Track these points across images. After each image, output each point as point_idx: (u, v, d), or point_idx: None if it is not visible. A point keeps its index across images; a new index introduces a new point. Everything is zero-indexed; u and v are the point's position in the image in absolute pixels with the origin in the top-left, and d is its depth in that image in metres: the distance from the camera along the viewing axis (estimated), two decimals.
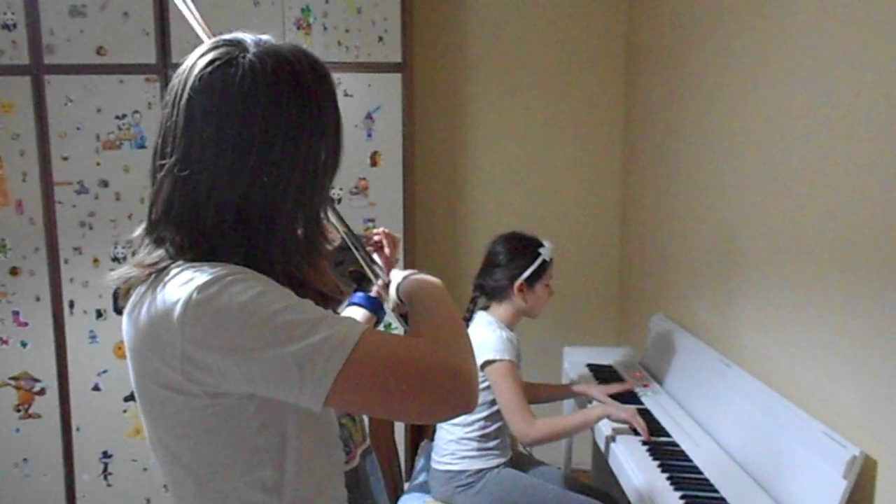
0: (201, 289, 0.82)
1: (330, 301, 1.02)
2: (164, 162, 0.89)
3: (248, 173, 0.87)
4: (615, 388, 2.22)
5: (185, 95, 0.88)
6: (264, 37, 0.93)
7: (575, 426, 2.01)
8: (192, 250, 0.89)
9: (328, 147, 0.93)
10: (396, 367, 0.83)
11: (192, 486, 0.92)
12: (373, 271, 1.25)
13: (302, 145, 0.89)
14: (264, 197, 0.88)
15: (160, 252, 0.91)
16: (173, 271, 0.87)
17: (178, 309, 0.82)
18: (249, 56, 0.89)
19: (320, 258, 1.01)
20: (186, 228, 0.89)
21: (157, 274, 0.88)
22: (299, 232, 0.93)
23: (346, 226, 1.18)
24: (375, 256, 1.38)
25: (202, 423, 0.88)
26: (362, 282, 1.30)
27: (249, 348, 0.81)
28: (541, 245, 2.08)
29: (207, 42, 0.93)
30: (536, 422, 1.94)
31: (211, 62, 0.88)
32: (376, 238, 1.41)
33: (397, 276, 1.15)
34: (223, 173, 0.87)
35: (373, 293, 1.34)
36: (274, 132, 0.87)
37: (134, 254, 0.95)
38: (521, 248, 2.08)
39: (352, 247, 1.19)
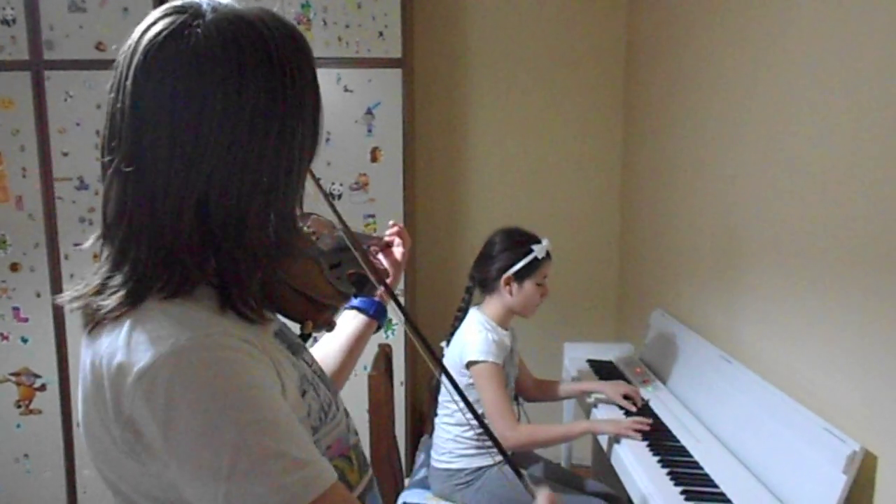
0: (170, 355, 0.69)
1: (324, 309, 0.92)
2: (111, 157, 0.76)
3: (207, 166, 0.73)
4: (623, 388, 2.16)
5: (131, 75, 0.74)
6: (224, 0, 0.77)
7: (556, 437, 2.05)
8: (153, 269, 0.74)
9: (304, 131, 0.79)
10: None
11: None
12: (376, 275, 1.12)
13: (272, 129, 0.75)
14: (229, 193, 0.74)
15: (121, 273, 0.76)
16: (149, 314, 0.73)
17: (136, 370, 0.69)
18: (206, 22, 0.74)
19: (310, 260, 0.91)
20: (144, 237, 0.75)
21: (128, 311, 0.74)
22: (270, 233, 0.78)
23: (344, 224, 1.07)
24: (381, 257, 1.26)
25: (146, 481, 0.75)
26: (364, 285, 1.15)
27: (186, 452, 0.68)
28: (536, 241, 2.06)
29: (157, 10, 0.77)
30: (519, 426, 1.95)
31: (159, 32, 0.73)
32: (388, 237, 1.27)
33: None
34: (179, 168, 0.72)
35: (376, 296, 1.23)
36: (237, 114, 0.73)
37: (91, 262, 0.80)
38: (514, 242, 2.07)
39: (350, 246, 1.06)
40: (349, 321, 1.23)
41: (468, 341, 2.00)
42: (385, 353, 2.05)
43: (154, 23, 0.75)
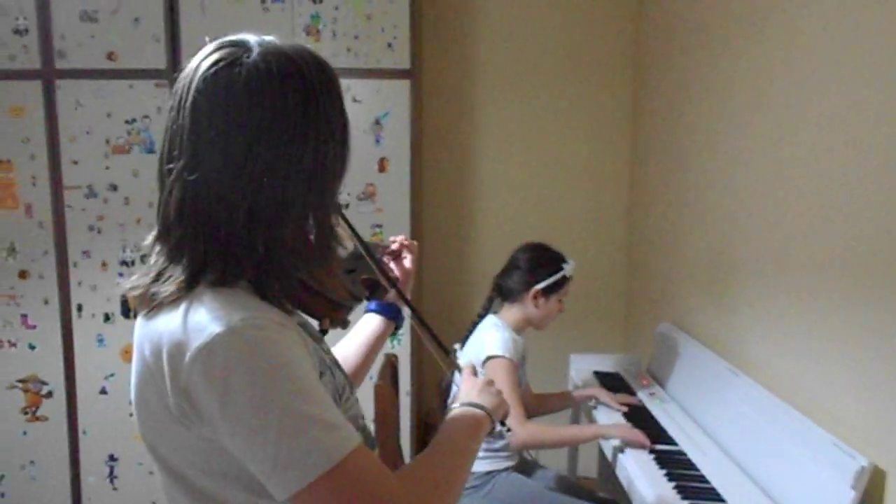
0: (226, 334, 0.81)
1: (340, 309, 1.02)
2: (171, 166, 0.87)
3: (256, 175, 0.85)
4: (622, 398, 2.22)
5: (191, 98, 0.86)
6: (268, 37, 0.92)
7: (564, 439, 2.09)
8: (209, 262, 0.87)
9: (335, 148, 0.91)
10: (362, 501, 0.82)
11: (181, 487, 0.92)
12: (387, 279, 1.24)
13: (308, 146, 0.88)
14: (273, 200, 0.87)
15: (177, 265, 0.88)
16: (202, 299, 0.85)
17: (195, 346, 0.81)
18: (254, 56, 0.87)
19: (333, 265, 1.01)
20: (201, 235, 0.87)
21: (184, 296, 0.86)
22: (311, 237, 0.92)
23: (356, 233, 1.17)
24: (393, 265, 1.36)
25: (193, 445, 0.87)
26: (376, 290, 1.28)
27: (239, 416, 0.80)
28: (565, 261, 2.17)
29: (211, 44, 0.91)
30: (528, 424, 1.97)
31: (215, 63, 0.87)
32: (394, 246, 1.37)
33: (466, 388, 1.15)
34: (231, 176, 0.85)
35: (389, 300, 1.34)
36: (279, 133, 0.86)
37: (135, 262, 0.94)
38: (546, 258, 2.17)
39: (364, 254, 1.18)
40: (368, 323, 1.35)
41: (486, 339, 2.06)
42: (391, 363, 2.04)
43: (210, 53, 0.89)
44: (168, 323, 0.85)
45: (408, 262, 1.37)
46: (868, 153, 1.49)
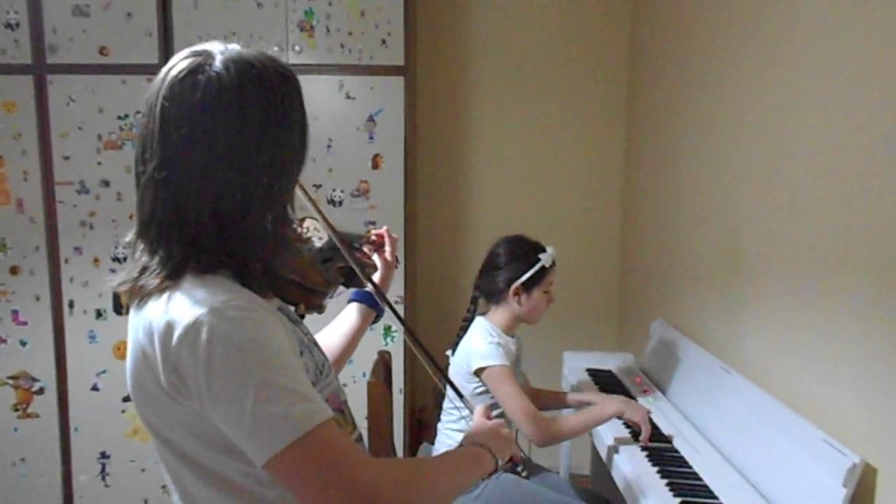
0: (208, 314, 0.89)
1: (313, 294, 1.14)
2: (143, 168, 0.96)
3: (219, 174, 0.93)
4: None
5: (159, 104, 0.94)
6: (232, 46, 1.00)
7: (589, 421, 1.96)
8: (185, 254, 0.95)
9: (293, 145, 1.00)
10: (328, 471, 0.87)
11: (184, 464, 0.98)
12: (360, 268, 1.34)
13: (266, 145, 0.95)
14: (235, 195, 0.94)
15: (158, 259, 0.96)
16: (186, 286, 0.94)
17: (182, 326, 0.89)
18: (216, 63, 0.95)
19: (300, 253, 1.11)
20: (174, 230, 0.95)
21: (170, 285, 0.94)
22: (269, 227, 0.99)
23: (330, 225, 1.29)
24: (376, 257, 1.47)
25: (188, 421, 0.94)
26: (353, 278, 1.36)
27: (220, 387, 0.88)
28: (542, 250, 2.06)
29: (179, 53, 1.00)
30: (549, 421, 1.91)
31: (181, 71, 0.95)
32: (374, 237, 1.47)
33: (475, 427, 1.23)
34: (197, 176, 0.93)
35: (368, 289, 1.41)
36: (239, 133, 0.94)
37: (126, 258, 1.02)
38: (521, 251, 2.06)
39: (338, 244, 1.29)
40: (348, 312, 1.46)
41: (474, 349, 2.00)
42: (384, 361, 2.04)
43: (178, 63, 0.97)
44: (157, 309, 0.93)
45: (388, 253, 1.47)
46: (869, 148, 1.49)
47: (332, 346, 1.41)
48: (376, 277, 1.46)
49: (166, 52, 2.69)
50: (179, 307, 0.91)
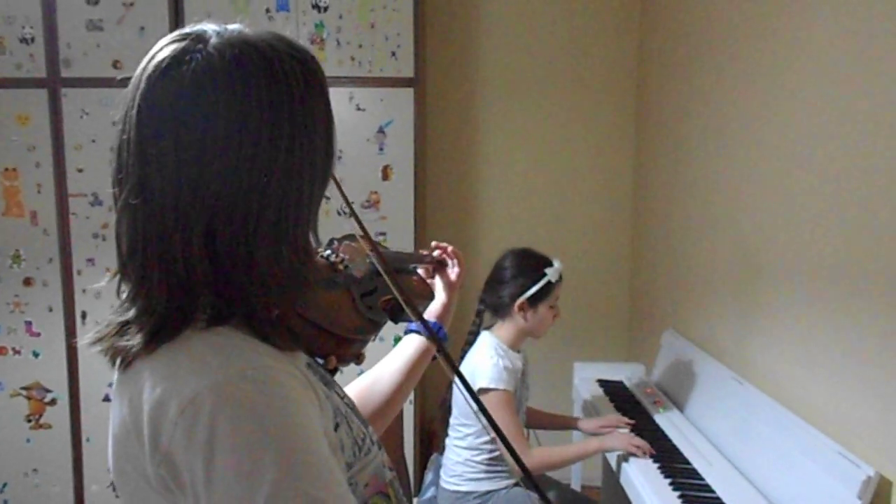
0: (212, 389, 0.66)
1: (347, 343, 0.87)
2: (120, 189, 0.73)
3: (212, 191, 0.69)
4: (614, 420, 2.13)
5: (135, 106, 0.72)
6: (233, 25, 0.75)
7: (570, 457, 2.02)
8: (176, 300, 0.71)
9: (314, 154, 0.74)
10: None
11: None
12: (406, 299, 0.97)
13: (280, 151, 0.71)
14: (234, 219, 0.70)
15: (139, 308, 0.73)
16: (184, 345, 0.71)
17: (176, 404, 0.67)
18: (208, 47, 0.71)
19: (333, 288, 0.87)
20: (158, 270, 0.71)
21: (159, 346, 0.71)
22: (284, 260, 0.74)
23: (374, 246, 0.96)
24: (437, 278, 1.23)
25: None
26: (401, 312, 1.03)
27: (223, 487, 0.65)
28: (549, 265, 2.03)
29: (165, 37, 0.75)
30: (532, 451, 1.94)
31: (161, 61, 0.71)
32: (436, 255, 1.22)
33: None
34: (185, 196, 0.69)
35: (426, 316, 1.16)
36: (240, 137, 0.69)
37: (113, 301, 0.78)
38: (527, 266, 2.04)
39: (381, 272, 0.95)
40: (407, 345, 1.16)
41: (479, 367, 1.98)
42: None
43: (159, 51, 0.73)
44: (146, 376, 0.70)
45: (453, 274, 1.21)
46: (883, 158, 1.48)
47: (383, 384, 1.12)
48: (435, 305, 1.21)
49: None
50: (174, 376, 0.68)
